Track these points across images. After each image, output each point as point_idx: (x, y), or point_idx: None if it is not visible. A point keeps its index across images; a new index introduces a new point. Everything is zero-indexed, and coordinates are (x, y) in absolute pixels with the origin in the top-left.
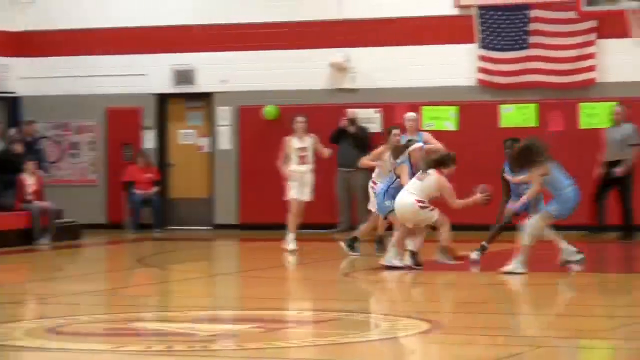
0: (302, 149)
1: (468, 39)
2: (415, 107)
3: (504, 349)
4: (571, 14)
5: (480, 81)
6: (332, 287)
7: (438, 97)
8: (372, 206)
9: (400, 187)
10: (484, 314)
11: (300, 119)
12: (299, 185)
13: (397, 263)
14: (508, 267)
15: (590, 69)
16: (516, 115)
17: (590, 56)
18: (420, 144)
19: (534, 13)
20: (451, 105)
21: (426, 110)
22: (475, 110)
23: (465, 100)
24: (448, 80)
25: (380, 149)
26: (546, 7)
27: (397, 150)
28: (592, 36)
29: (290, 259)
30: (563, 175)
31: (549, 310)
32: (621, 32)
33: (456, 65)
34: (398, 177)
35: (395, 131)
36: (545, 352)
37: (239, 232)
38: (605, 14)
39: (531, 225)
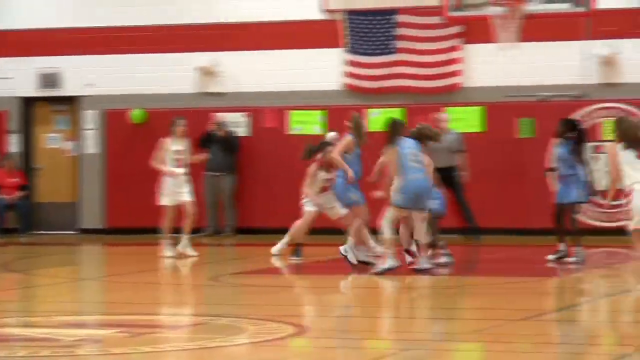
0: (179, 151)
1: (335, 44)
2: (282, 111)
3: (370, 352)
4: (437, 19)
5: (348, 85)
6: (199, 291)
7: (306, 101)
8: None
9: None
10: (350, 317)
11: (181, 121)
12: (173, 188)
13: (426, 265)
14: (379, 267)
15: (456, 73)
16: (383, 120)
17: (456, 61)
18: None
19: (401, 18)
20: (319, 110)
21: (294, 115)
22: (343, 114)
23: (333, 105)
24: (316, 84)
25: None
26: (413, 13)
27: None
28: (458, 41)
29: (160, 263)
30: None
31: (416, 313)
32: (487, 37)
33: (324, 69)
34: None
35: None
36: (412, 355)
37: (105, 236)
38: (471, 20)
39: (385, 217)
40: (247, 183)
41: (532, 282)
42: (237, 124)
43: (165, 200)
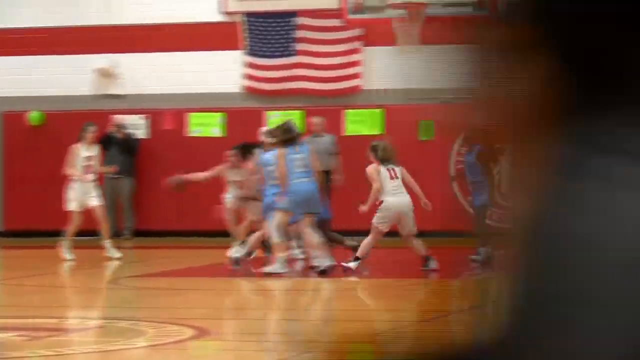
0: (89, 157)
1: (235, 46)
2: (182, 114)
3: (271, 354)
4: (337, 22)
5: (247, 88)
6: (98, 294)
7: (205, 103)
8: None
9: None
10: (250, 320)
11: (91, 128)
12: (81, 194)
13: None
14: (268, 268)
15: (356, 76)
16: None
17: (355, 64)
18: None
19: (300, 20)
20: (218, 112)
21: (193, 117)
22: (242, 116)
23: (232, 107)
24: (215, 86)
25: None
26: (312, 15)
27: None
28: (358, 44)
29: (59, 266)
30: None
31: (315, 315)
32: (387, 40)
33: (223, 71)
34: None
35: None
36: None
37: (2, 239)
38: (371, 22)
39: (272, 223)
40: (146, 185)
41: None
42: (136, 126)
43: (72, 205)
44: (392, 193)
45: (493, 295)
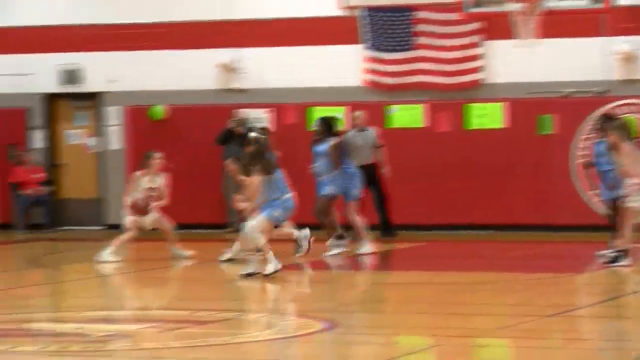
0: (152, 189)
1: (355, 40)
2: (303, 108)
3: (398, 348)
4: (456, 15)
5: (367, 82)
6: (226, 287)
7: (326, 97)
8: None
9: None
10: (377, 314)
11: (156, 155)
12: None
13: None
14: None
15: (476, 70)
16: (403, 116)
17: (476, 57)
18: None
19: (419, 14)
20: (339, 106)
21: (314, 111)
22: (363, 110)
23: (353, 101)
24: (335, 80)
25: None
26: (431, 9)
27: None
28: (478, 38)
29: (182, 260)
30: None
31: (440, 309)
32: (507, 33)
33: (343, 65)
34: None
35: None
36: (440, 350)
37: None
38: (491, 16)
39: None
40: None
41: (563, 277)
42: (259, 120)
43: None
44: None
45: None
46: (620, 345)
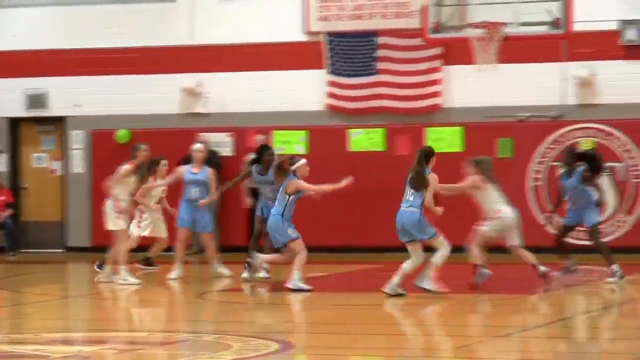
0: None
1: (317, 65)
2: (266, 131)
3: None
4: (417, 41)
5: (329, 106)
6: (185, 308)
7: (288, 121)
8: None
9: (292, 205)
10: (332, 334)
11: (164, 161)
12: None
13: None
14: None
15: (436, 94)
16: (364, 140)
17: (435, 82)
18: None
19: (381, 40)
20: (301, 130)
21: (277, 135)
22: (325, 134)
23: (315, 125)
24: (298, 105)
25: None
26: (393, 35)
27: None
28: (438, 63)
29: (144, 280)
30: None
31: (396, 330)
32: (466, 59)
33: (306, 90)
34: (291, 194)
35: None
36: None
37: (92, 254)
38: (451, 41)
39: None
40: (230, 201)
41: (517, 299)
42: (222, 143)
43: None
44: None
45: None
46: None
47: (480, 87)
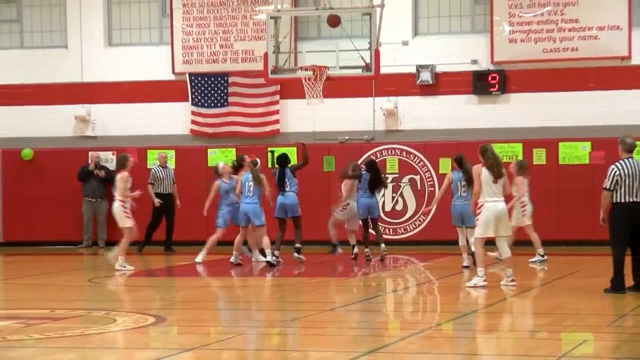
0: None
1: (183, 98)
2: (142, 151)
3: (214, 336)
4: (260, 80)
5: (192, 131)
6: (79, 290)
7: (160, 143)
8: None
9: None
10: (196, 310)
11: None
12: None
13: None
14: None
15: (276, 121)
16: (220, 157)
17: (275, 112)
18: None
19: (232, 79)
20: (170, 149)
21: (150, 153)
22: (189, 153)
23: (181, 145)
24: (167, 129)
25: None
26: (241, 75)
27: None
28: (277, 97)
29: (49, 269)
30: None
31: (249, 306)
32: (299, 94)
33: (173, 118)
34: None
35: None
36: (243, 338)
37: (2, 248)
38: (286, 80)
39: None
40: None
41: (337, 280)
42: (108, 161)
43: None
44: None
45: None
46: (376, 332)
47: (310, 116)
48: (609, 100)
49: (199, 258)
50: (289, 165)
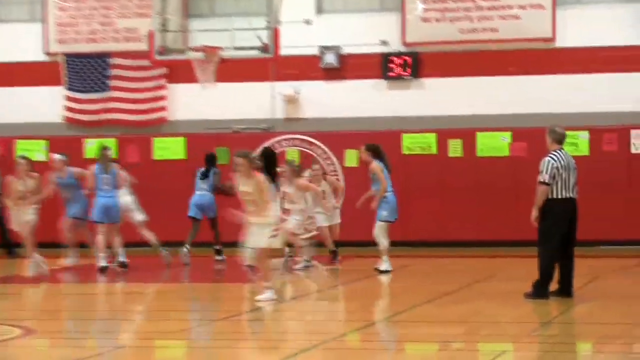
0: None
1: (56, 82)
2: (9, 141)
3: (87, 350)
4: (145, 62)
5: (67, 119)
6: None
7: (30, 132)
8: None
9: None
10: (69, 321)
11: (22, 161)
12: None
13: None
14: None
15: (163, 109)
16: (96, 149)
17: (162, 98)
18: None
19: (114, 61)
20: (42, 140)
21: (20, 144)
22: (64, 143)
23: (54, 135)
24: (39, 117)
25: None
26: (124, 56)
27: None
28: (164, 81)
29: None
30: None
31: (127, 316)
32: (189, 78)
33: (45, 104)
34: None
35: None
36: (123, 352)
37: None
38: (175, 63)
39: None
40: None
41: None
42: None
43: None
44: None
45: None
46: (280, 344)
47: (201, 102)
48: (531, 86)
49: (70, 261)
50: (215, 170)
